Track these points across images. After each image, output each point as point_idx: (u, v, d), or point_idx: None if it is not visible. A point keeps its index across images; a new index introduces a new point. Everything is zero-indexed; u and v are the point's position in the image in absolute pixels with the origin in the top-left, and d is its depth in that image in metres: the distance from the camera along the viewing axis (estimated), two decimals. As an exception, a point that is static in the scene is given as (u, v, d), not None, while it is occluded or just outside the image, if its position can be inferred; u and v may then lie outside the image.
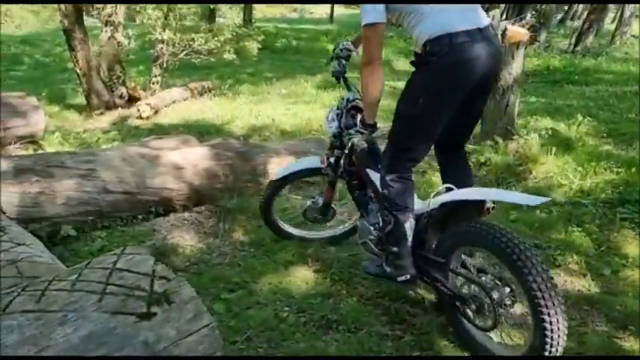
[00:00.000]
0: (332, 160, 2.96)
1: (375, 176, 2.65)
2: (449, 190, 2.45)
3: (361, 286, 2.90)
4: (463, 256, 2.38)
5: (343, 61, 2.87)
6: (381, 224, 2.56)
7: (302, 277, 2.97)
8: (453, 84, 2.21)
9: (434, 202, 2.42)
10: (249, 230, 3.52)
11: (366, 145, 2.69)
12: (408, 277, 2.47)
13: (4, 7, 25.03)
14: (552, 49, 12.18)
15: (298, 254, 3.16)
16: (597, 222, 3.60)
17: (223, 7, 25.34)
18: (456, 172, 2.58)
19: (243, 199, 3.79)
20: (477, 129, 5.21)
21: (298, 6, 39.27)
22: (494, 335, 2.33)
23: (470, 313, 2.31)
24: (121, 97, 7.89)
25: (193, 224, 3.57)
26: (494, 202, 2.38)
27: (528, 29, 12.18)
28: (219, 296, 2.77)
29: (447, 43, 2.13)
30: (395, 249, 2.47)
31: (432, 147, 2.54)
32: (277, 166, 3.97)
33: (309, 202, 3.23)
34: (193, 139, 4.33)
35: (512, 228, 3.57)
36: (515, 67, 4.70)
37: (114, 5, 7.85)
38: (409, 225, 2.44)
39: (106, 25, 7.99)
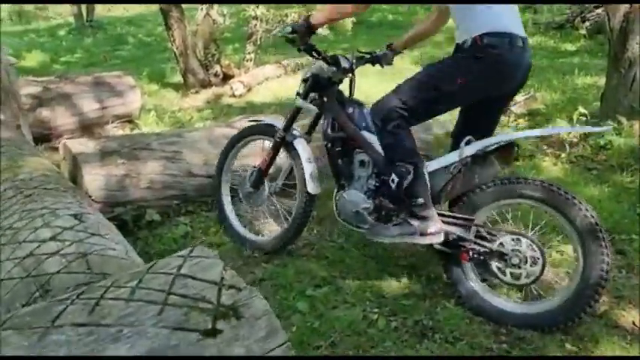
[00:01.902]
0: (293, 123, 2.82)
1: (372, 138, 2.53)
2: (469, 142, 2.34)
3: (461, 287, 2.58)
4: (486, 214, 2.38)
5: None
6: (395, 180, 2.34)
7: (394, 274, 2.70)
8: (500, 81, 2.27)
9: (467, 151, 2.30)
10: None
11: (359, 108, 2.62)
12: (438, 226, 2.32)
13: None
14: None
15: (391, 247, 2.89)
16: None
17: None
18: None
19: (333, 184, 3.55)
20: (594, 107, 4.67)
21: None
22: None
23: (508, 269, 2.28)
24: (215, 75, 7.88)
25: (280, 210, 3.38)
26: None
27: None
28: (304, 292, 2.57)
29: (507, 42, 2.18)
30: (420, 200, 2.31)
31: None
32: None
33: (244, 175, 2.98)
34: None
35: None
36: (646, 35, 4.08)
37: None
38: (427, 171, 2.35)
39: (202, 3, 7.99)
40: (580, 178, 3.80)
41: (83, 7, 15.99)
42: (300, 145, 2.77)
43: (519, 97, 5.49)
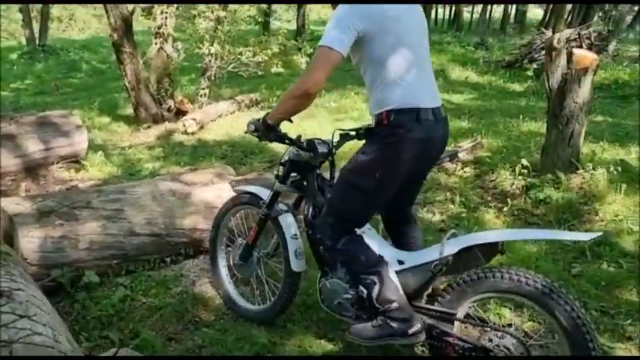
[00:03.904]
0: (277, 200, 2.73)
1: None
2: (454, 235, 2.28)
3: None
4: (469, 306, 2.27)
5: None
6: (364, 292, 2.29)
7: (334, 340, 2.71)
8: (416, 159, 2.22)
9: (449, 248, 2.22)
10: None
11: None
12: (419, 326, 2.24)
13: (70, 11, 25.94)
14: (621, 58, 11.39)
15: (329, 313, 2.89)
16: (677, 280, 3.17)
17: (279, 9, 25.37)
18: (408, 233, 2.58)
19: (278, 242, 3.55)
20: (535, 157, 4.84)
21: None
22: None
23: None
24: (168, 110, 7.83)
25: (224, 268, 3.35)
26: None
27: (596, 39, 11.42)
28: (243, 362, 2.55)
29: (414, 118, 2.14)
30: (394, 304, 2.23)
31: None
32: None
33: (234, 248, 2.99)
34: (229, 170, 4.13)
35: (575, 284, 3.20)
36: (582, 95, 4.27)
37: (163, 17, 7.80)
38: (393, 273, 2.28)
39: (155, 37, 7.96)
40: (520, 233, 3.91)
41: (36, 29, 15.67)
42: (285, 222, 2.72)
43: (466, 144, 5.66)
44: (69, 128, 5.32)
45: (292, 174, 2.64)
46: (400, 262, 2.36)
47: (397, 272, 2.31)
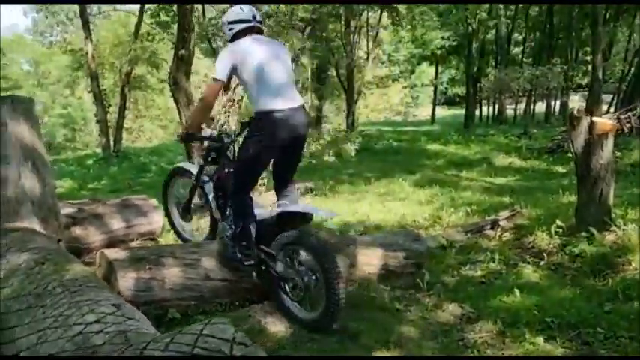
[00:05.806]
0: (202, 173, 4.17)
1: None
2: (281, 205, 3.71)
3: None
4: (290, 251, 3.53)
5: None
6: (233, 227, 3.64)
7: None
8: (279, 136, 3.47)
9: (273, 212, 3.67)
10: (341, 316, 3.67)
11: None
12: (252, 262, 3.62)
13: (138, 123, 28.41)
14: (665, 139, 11.64)
15: (382, 340, 3.28)
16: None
17: (329, 114, 26.92)
18: (286, 195, 3.83)
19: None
20: (571, 221, 5.18)
21: (402, 108, 40.84)
22: (302, 305, 3.55)
23: (288, 288, 3.53)
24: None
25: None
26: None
27: (636, 122, 11.75)
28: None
29: (272, 115, 3.41)
30: (244, 243, 3.61)
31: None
32: (366, 257, 4.23)
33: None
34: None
35: (607, 318, 3.47)
36: (605, 157, 4.68)
37: (227, 114, 8.77)
38: (252, 227, 3.62)
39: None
40: (556, 282, 4.22)
41: (111, 138, 17.32)
42: (208, 188, 4.11)
43: (506, 213, 6.04)
44: (147, 209, 6.05)
45: (211, 154, 4.04)
46: None
47: None
